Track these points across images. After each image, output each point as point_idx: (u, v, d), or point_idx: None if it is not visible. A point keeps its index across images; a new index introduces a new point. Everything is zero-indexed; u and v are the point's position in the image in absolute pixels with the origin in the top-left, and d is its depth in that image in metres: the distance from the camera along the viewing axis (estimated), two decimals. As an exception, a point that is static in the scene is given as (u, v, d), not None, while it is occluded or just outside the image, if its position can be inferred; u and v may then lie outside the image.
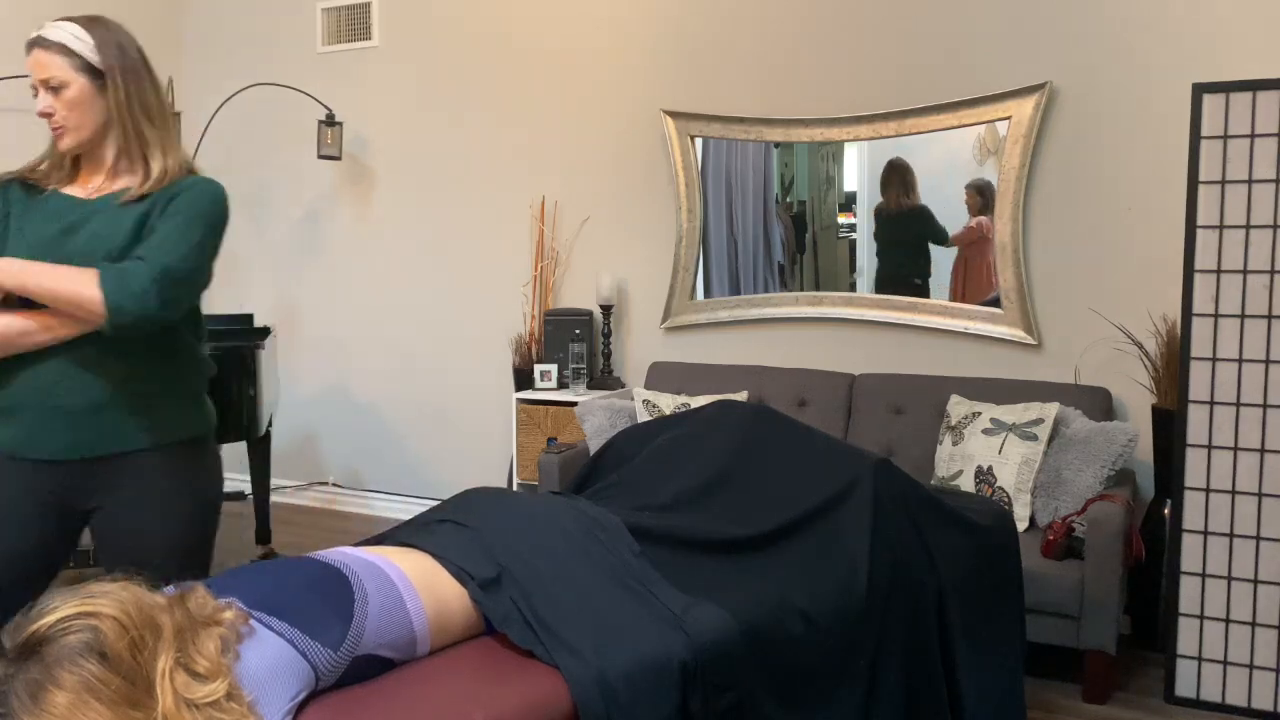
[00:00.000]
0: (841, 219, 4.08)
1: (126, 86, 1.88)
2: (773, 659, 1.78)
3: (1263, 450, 2.89)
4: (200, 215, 1.88)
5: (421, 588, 1.63)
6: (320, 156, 5.01)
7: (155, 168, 1.89)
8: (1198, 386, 2.96)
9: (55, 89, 1.85)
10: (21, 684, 1.21)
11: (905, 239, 3.95)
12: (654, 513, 2.01)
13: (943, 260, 3.90)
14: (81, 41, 1.85)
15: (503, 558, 1.75)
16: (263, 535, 4.34)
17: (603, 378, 4.44)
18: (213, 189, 1.92)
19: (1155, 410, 3.36)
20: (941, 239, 3.87)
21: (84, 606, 1.27)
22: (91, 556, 3.98)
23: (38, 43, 1.85)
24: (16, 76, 3.90)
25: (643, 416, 3.86)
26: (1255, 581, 2.91)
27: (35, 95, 1.87)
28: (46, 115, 1.87)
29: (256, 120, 5.32)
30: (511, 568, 1.73)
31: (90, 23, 1.88)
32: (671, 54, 4.37)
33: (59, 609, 1.26)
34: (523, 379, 4.55)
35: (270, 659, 1.38)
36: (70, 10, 2.27)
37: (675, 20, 4.36)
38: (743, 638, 1.73)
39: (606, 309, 4.46)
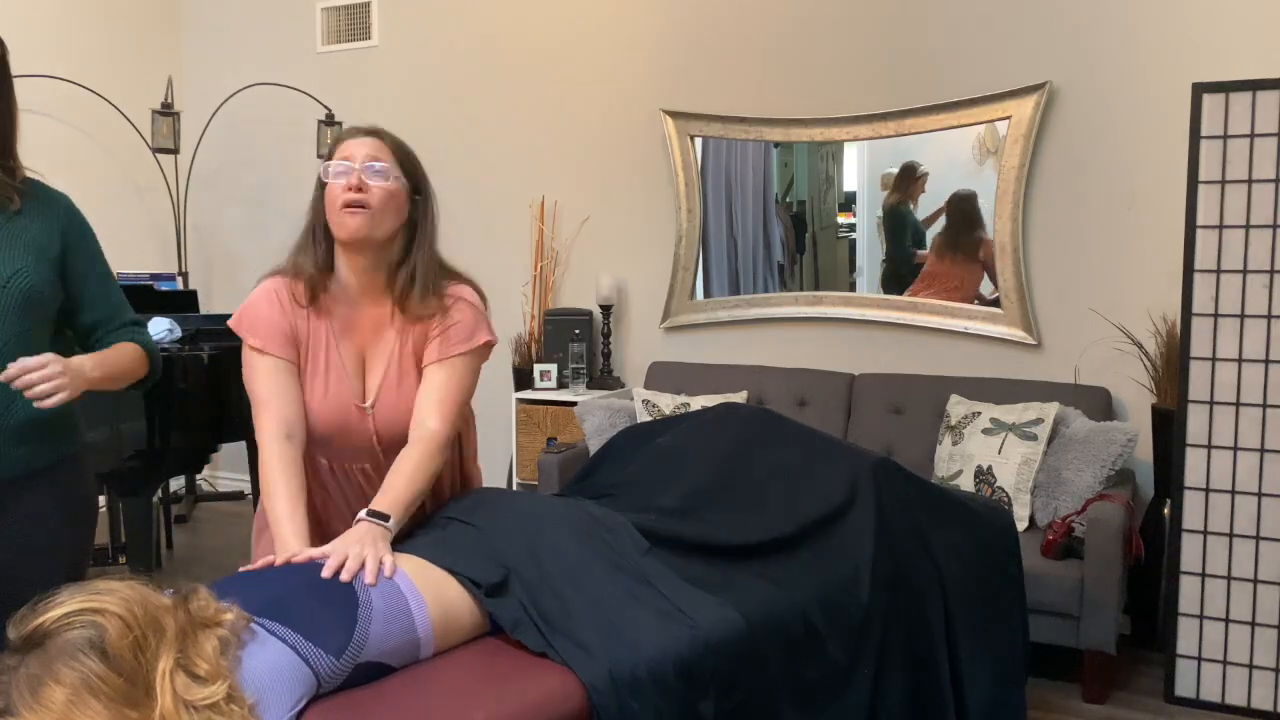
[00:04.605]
0: (841, 219, 4.08)
1: None
2: (781, 660, 1.78)
3: (1262, 450, 2.89)
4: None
5: (427, 592, 1.62)
6: (320, 156, 5.01)
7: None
8: (1197, 386, 2.96)
9: None
10: (22, 677, 1.21)
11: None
12: (660, 515, 2.00)
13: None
14: None
15: (509, 559, 1.74)
16: (263, 535, 4.32)
17: (602, 377, 4.44)
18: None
19: (1155, 410, 3.36)
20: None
21: (89, 603, 1.26)
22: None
23: None
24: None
25: (642, 416, 3.86)
26: (1255, 581, 2.91)
27: None
28: None
29: (256, 120, 5.32)
30: (518, 569, 1.73)
31: None
32: (671, 54, 4.37)
33: (65, 603, 1.25)
34: (522, 379, 4.55)
35: (272, 664, 1.37)
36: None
37: (675, 20, 4.36)
38: (751, 638, 1.73)
39: (606, 309, 4.46)
